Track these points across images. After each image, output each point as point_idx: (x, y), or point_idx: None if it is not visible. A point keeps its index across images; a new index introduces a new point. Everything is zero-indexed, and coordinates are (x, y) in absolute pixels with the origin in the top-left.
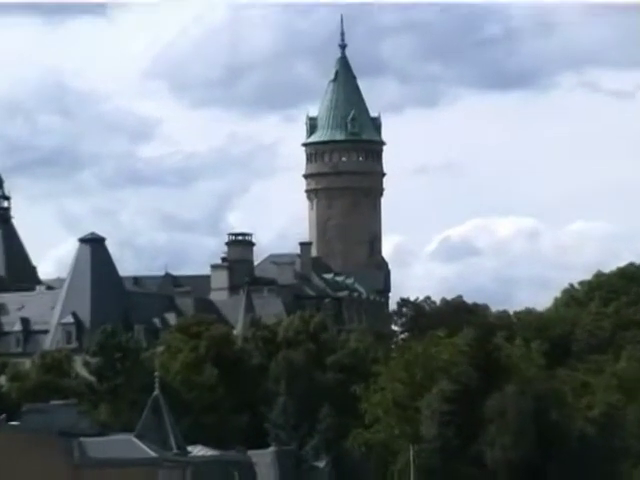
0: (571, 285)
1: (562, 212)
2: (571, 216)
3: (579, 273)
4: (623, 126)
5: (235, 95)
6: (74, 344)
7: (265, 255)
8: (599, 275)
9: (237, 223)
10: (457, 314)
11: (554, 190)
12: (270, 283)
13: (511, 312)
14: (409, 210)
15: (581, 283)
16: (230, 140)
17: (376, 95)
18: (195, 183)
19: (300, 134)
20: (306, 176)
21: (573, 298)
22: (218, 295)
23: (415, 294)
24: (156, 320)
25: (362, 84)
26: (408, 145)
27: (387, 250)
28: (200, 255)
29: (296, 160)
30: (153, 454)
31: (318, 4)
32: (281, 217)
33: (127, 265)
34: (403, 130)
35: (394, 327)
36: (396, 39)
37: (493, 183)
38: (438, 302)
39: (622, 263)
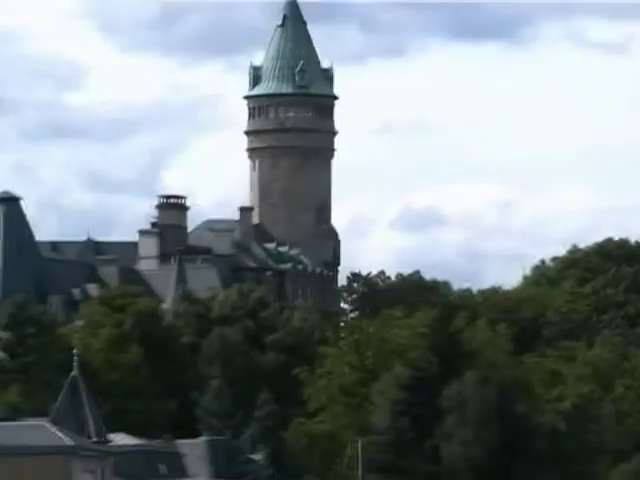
0: (542, 262)
1: (540, 179)
2: (550, 184)
3: (555, 249)
4: (612, 83)
5: (174, 39)
6: None
7: (201, 221)
8: (574, 251)
9: (173, 184)
10: (414, 292)
11: (532, 154)
12: (205, 252)
13: (475, 291)
14: (366, 173)
15: (554, 260)
16: (168, 90)
17: (331, 44)
18: (128, 137)
19: (243, 85)
20: (248, 133)
21: (544, 276)
22: (146, 264)
23: (369, 268)
24: (75, 291)
25: (315, 31)
26: (367, 101)
27: (339, 218)
28: (129, 219)
29: (239, 115)
30: (69, 442)
31: None
32: (221, 178)
33: (47, 228)
34: (362, 84)
35: (343, 305)
36: None
37: (464, 145)
38: (394, 277)
39: (601, 238)
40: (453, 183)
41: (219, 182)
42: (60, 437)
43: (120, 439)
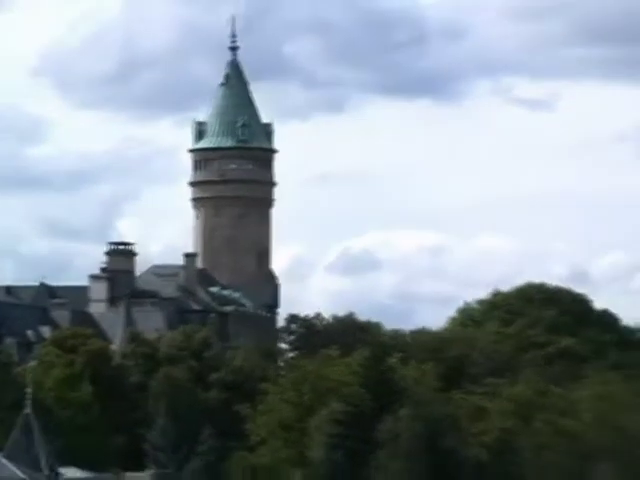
0: (467, 304)
1: (468, 226)
2: (477, 231)
3: (481, 291)
4: (536, 137)
5: (126, 96)
6: None
7: (148, 266)
8: (497, 294)
9: (126, 232)
10: (349, 332)
11: (461, 203)
12: (152, 296)
13: (407, 331)
14: (304, 221)
15: (479, 302)
16: (121, 144)
17: (273, 100)
18: (84, 188)
19: (189, 139)
20: (193, 184)
21: (470, 318)
22: (97, 307)
23: (308, 310)
24: (29, 333)
25: (259, 88)
26: (306, 153)
27: (279, 263)
28: (81, 265)
29: (185, 167)
30: (22, 476)
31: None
32: (168, 226)
33: (3, 274)
34: (301, 138)
35: (282, 345)
36: (300, 40)
37: (397, 194)
38: (330, 319)
39: (523, 281)
40: (387, 229)
41: (167, 230)
42: (14, 471)
43: (71, 473)
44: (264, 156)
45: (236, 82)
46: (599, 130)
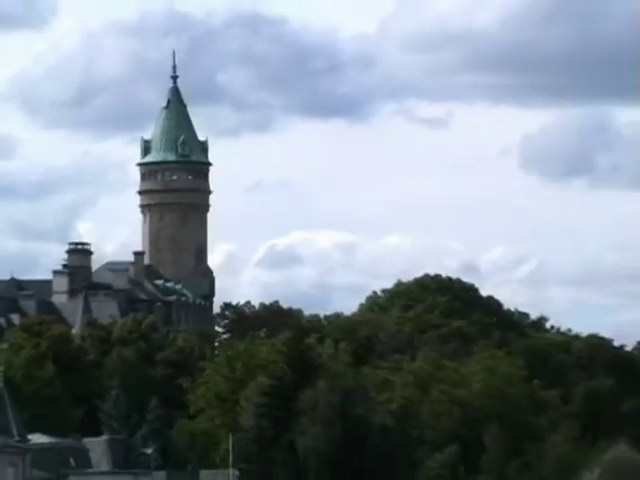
0: (374, 292)
1: (376, 227)
2: (383, 231)
3: (388, 282)
4: (434, 151)
5: (83, 117)
6: None
7: (103, 263)
8: (399, 284)
9: (85, 233)
10: (274, 317)
11: (370, 207)
12: (106, 288)
13: (322, 316)
14: (237, 223)
15: (384, 291)
16: (80, 159)
17: (209, 121)
18: (49, 195)
19: (138, 154)
20: (141, 192)
21: (376, 304)
22: (59, 298)
23: (240, 299)
24: (1, 320)
25: (197, 111)
26: (238, 166)
27: (217, 259)
28: (46, 262)
29: (134, 178)
30: None
31: (166, 32)
32: (121, 229)
33: None
34: (233, 153)
35: (217, 328)
36: (232, 69)
37: (315, 200)
38: (258, 306)
39: (421, 274)
40: (307, 230)
41: (119, 231)
42: None
43: (37, 438)
44: (201, 169)
45: (177, 106)
46: (487, 145)
